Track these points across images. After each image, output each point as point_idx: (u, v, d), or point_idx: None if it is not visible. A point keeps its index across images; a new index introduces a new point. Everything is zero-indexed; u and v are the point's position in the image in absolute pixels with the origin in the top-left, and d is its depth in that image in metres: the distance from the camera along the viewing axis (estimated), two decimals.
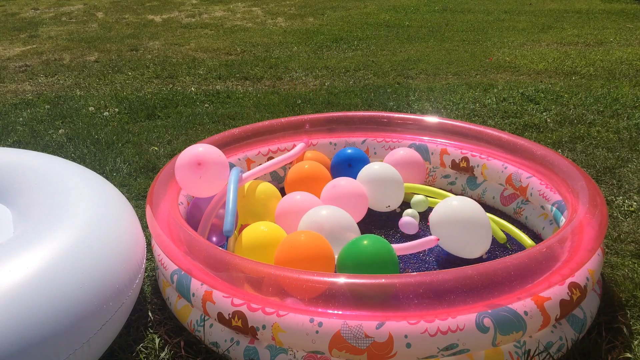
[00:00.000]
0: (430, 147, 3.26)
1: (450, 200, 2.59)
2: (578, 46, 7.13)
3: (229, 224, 2.36)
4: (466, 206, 2.53)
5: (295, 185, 2.95)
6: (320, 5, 10.76)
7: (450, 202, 2.58)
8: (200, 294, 2.04)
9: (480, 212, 2.52)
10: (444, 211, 2.55)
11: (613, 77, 5.54)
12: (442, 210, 2.56)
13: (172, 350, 2.10)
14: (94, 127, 4.55)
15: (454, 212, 2.52)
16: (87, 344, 1.83)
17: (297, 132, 3.38)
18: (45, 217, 2.15)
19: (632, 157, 3.62)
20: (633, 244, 2.69)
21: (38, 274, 1.81)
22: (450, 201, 2.58)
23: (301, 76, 6.07)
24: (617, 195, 3.16)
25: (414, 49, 7.24)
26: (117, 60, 6.97)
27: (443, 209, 2.56)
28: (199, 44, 7.82)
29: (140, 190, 3.40)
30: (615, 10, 9.48)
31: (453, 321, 1.77)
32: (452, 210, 2.53)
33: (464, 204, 2.54)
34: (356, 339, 1.77)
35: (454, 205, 2.54)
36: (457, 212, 2.51)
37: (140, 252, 2.26)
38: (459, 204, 2.54)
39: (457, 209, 2.52)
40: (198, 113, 4.84)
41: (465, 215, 2.50)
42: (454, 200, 2.59)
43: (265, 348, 1.93)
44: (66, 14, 10.49)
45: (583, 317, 2.04)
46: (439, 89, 5.34)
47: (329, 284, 1.86)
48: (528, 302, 1.85)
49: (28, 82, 6.13)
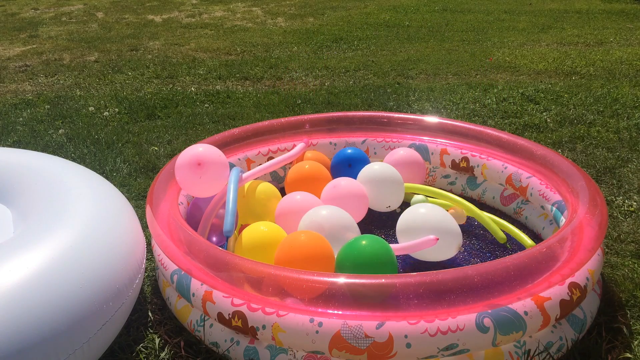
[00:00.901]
0: (430, 147, 3.26)
1: (411, 210, 2.57)
2: (578, 46, 7.13)
3: (228, 224, 2.36)
4: (428, 212, 2.51)
5: (296, 185, 2.95)
6: (320, 5, 10.76)
7: (412, 211, 2.56)
8: (200, 294, 2.04)
9: (440, 215, 2.50)
10: (406, 223, 2.53)
11: (613, 77, 5.54)
12: (405, 221, 2.54)
13: (172, 350, 2.10)
14: (94, 127, 4.55)
15: (415, 221, 2.50)
16: (87, 344, 1.83)
17: (297, 132, 3.38)
18: (45, 217, 2.15)
19: (632, 157, 3.62)
20: (633, 244, 2.69)
21: (38, 274, 1.81)
22: (411, 211, 2.57)
23: (301, 76, 6.07)
24: (617, 195, 3.16)
25: (414, 49, 7.24)
26: (117, 60, 6.97)
27: (405, 221, 2.54)
28: (199, 44, 7.82)
29: (140, 190, 3.40)
30: (615, 10, 9.49)
31: (453, 321, 1.77)
32: (413, 220, 2.51)
33: (426, 211, 2.52)
34: (356, 339, 1.77)
35: (416, 214, 2.52)
36: (417, 221, 2.49)
37: (140, 252, 2.26)
38: (423, 212, 2.52)
39: (419, 216, 2.50)
40: (198, 113, 4.84)
41: (426, 221, 2.48)
42: (415, 209, 2.57)
43: (265, 348, 1.93)
44: (66, 14, 10.49)
45: (583, 317, 2.04)
46: (439, 89, 5.34)
47: (329, 284, 1.86)
48: (528, 302, 1.85)
49: (28, 82, 6.13)
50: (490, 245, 2.78)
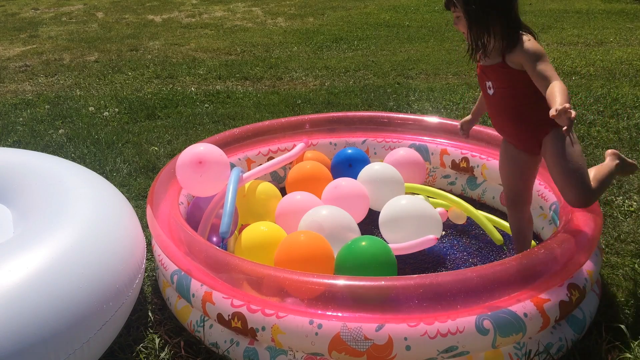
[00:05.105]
0: (430, 147, 3.26)
1: (392, 202, 2.65)
2: (578, 46, 7.12)
3: (225, 226, 2.35)
4: (409, 203, 2.61)
5: (297, 185, 2.95)
6: (320, 5, 10.75)
7: (393, 203, 2.64)
8: (200, 295, 2.04)
9: (419, 204, 2.60)
10: (389, 214, 2.62)
11: (613, 77, 5.54)
12: (387, 213, 2.63)
13: (172, 351, 2.10)
14: (94, 127, 4.55)
15: (397, 210, 2.60)
16: (87, 344, 1.83)
17: (297, 132, 3.38)
18: (45, 217, 2.15)
19: (632, 157, 3.62)
20: (633, 244, 2.69)
21: (38, 274, 1.82)
22: (392, 203, 2.65)
23: (301, 76, 6.07)
24: (617, 195, 3.16)
25: (414, 49, 7.24)
26: (117, 60, 6.96)
27: (387, 212, 2.63)
28: (199, 44, 7.82)
29: (140, 190, 3.40)
30: (615, 10, 9.48)
31: (453, 323, 1.77)
32: (395, 209, 2.61)
33: (407, 201, 2.62)
34: (356, 341, 1.77)
35: (398, 205, 2.62)
36: (399, 210, 2.59)
37: (140, 252, 2.26)
38: (404, 203, 2.62)
39: (401, 207, 2.60)
40: (198, 113, 4.84)
41: (408, 211, 2.57)
42: (396, 201, 2.65)
43: (265, 349, 1.93)
44: (66, 14, 10.49)
45: (582, 318, 2.04)
46: (439, 89, 5.34)
47: (329, 285, 1.86)
48: (527, 303, 1.85)
49: (28, 82, 6.12)
50: (489, 246, 2.78)
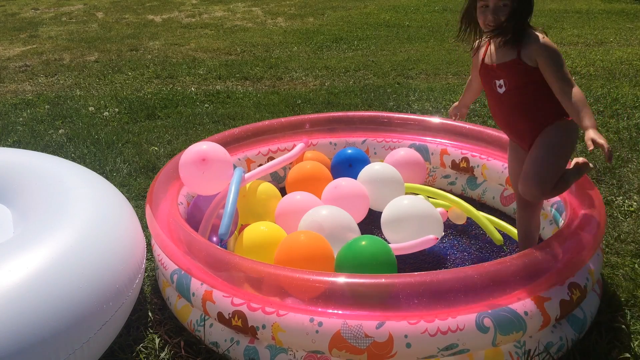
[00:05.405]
0: (431, 147, 3.26)
1: (394, 202, 2.64)
2: (578, 46, 7.12)
3: (224, 227, 2.35)
4: (411, 203, 2.60)
5: (297, 185, 2.95)
6: (320, 5, 10.75)
7: (395, 203, 2.63)
8: (200, 294, 2.04)
9: (421, 204, 2.59)
10: (391, 214, 2.61)
11: (613, 77, 5.54)
12: (389, 213, 2.62)
13: (172, 350, 2.10)
14: (94, 127, 4.55)
15: (399, 210, 2.58)
16: (87, 344, 1.83)
17: (297, 132, 3.38)
18: (45, 217, 2.15)
19: (632, 157, 3.62)
20: (633, 244, 2.69)
21: (38, 274, 1.82)
22: (394, 203, 2.64)
23: (301, 76, 6.07)
24: (617, 195, 3.16)
25: (414, 49, 7.24)
26: (117, 60, 6.96)
27: (389, 212, 2.62)
28: (199, 44, 7.82)
29: (140, 190, 3.40)
30: (615, 10, 9.48)
31: (453, 321, 1.77)
32: (397, 209, 2.59)
33: (409, 202, 2.61)
34: (356, 338, 1.77)
35: (400, 205, 2.61)
36: (401, 211, 2.58)
37: (140, 252, 2.26)
38: (406, 203, 2.61)
39: (403, 207, 2.58)
40: (198, 113, 4.84)
41: (410, 211, 2.56)
42: (398, 200, 2.64)
43: (265, 348, 1.93)
44: (66, 14, 10.49)
45: (583, 317, 2.04)
46: (439, 89, 5.34)
47: (329, 283, 1.86)
48: (528, 302, 1.85)
49: (28, 82, 6.13)
50: (489, 246, 2.78)
